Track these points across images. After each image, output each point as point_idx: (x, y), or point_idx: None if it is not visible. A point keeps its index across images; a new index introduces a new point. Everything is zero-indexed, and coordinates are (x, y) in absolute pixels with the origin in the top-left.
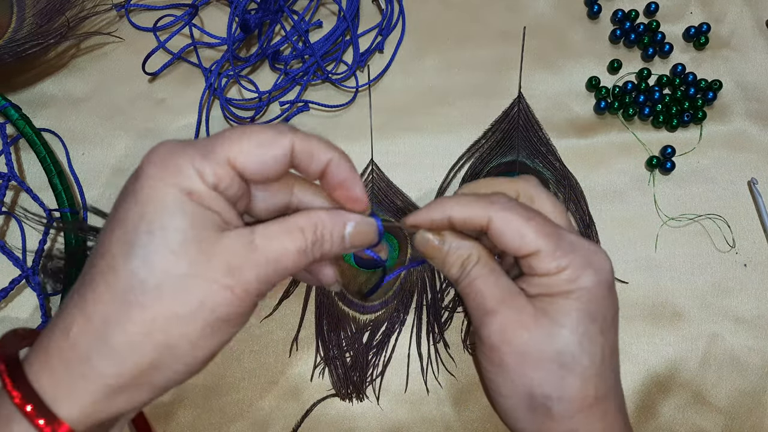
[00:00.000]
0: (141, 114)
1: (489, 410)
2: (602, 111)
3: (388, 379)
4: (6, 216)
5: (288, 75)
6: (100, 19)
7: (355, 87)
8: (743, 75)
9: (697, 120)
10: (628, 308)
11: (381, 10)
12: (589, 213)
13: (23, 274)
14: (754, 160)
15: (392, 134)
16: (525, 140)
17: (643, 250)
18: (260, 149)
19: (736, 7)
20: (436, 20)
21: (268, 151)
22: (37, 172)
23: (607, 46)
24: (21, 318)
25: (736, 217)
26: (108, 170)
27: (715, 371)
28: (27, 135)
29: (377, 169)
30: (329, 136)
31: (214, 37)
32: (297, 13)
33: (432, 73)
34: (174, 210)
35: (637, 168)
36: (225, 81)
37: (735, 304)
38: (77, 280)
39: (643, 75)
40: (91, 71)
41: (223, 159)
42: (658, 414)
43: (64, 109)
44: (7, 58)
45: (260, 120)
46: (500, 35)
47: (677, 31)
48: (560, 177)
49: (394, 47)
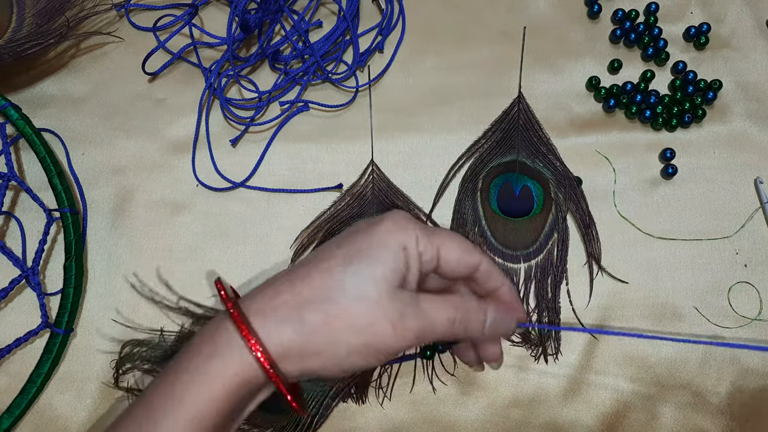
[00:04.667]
0: (141, 114)
1: (489, 410)
2: (611, 109)
3: (387, 379)
4: (6, 216)
5: (288, 75)
6: (100, 19)
7: (355, 87)
8: (743, 75)
9: (698, 119)
10: (628, 308)
11: (381, 10)
12: (589, 213)
13: (23, 274)
14: (754, 160)
15: (392, 134)
16: (525, 140)
17: (643, 250)
18: (462, 253)
19: (736, 7)
20: (436, 20)
21: (467, 257)
22: (37, 172)
23: (607, 46)
24: (21, 318)
25: (735, 217)
26: (108, 170)
27: (715, 371)
28: (27, 135)
29: (377, 169)
30: (329, 136)
31: (214, 37)
32: (297, 13)
33: (432, 73)
34: (390, 253)
35: (637, 168)
36: (225, 81)
37: (735, 304)
38: (285, 272)
39: (647, 77)
40: (91, 71)
41: (435, 242)
42: (658, 414)
43: (64, 109)
44: (7, 58)
45: (260, 120)
46: (500, 35)
47: (677, 31)
48: (560, 177)
49: (394, 47)
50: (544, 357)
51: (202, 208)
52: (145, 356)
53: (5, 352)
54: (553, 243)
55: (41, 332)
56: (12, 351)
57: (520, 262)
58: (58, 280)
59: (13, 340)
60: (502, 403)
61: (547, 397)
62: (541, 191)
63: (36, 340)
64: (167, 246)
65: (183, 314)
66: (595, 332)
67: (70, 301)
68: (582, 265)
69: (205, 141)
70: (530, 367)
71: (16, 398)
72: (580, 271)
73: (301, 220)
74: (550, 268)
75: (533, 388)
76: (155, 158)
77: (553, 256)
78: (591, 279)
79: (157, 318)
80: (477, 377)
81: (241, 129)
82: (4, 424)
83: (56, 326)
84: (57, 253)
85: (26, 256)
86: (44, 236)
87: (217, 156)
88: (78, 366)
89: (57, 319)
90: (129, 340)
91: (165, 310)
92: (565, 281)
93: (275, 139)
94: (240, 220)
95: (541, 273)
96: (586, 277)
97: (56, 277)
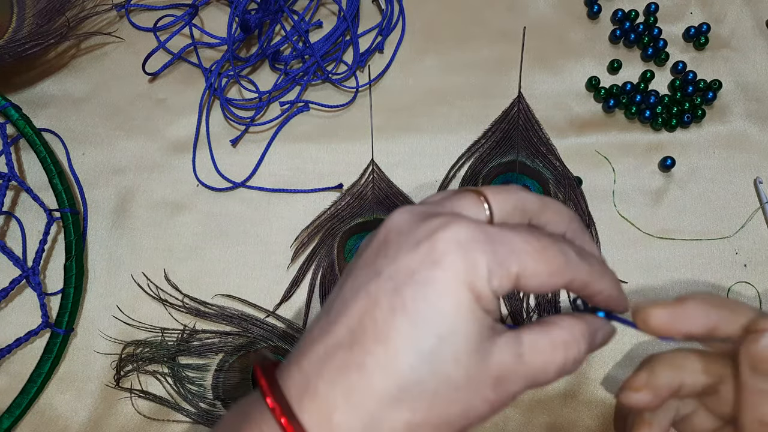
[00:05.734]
0: (141, 114)
1: None
2: (611, 109)
3: None
4: (6, 216)
5: (288, 75)
6: (100, 19)
7: (355, 87)
8: (743, 75)
9: (697, 119)
10: None
11: (381, 10)
12: (589, 213)
13: (23, 274)
14: (754, 160)
15: (392, 134)
16: (525, 140)
17: (642, 250)
18: (549, 278)
19: (736, 7)
20: (436, 20)
21: (555, 280)
22: (38, 172)
23: (607, 46)
24: (21, 318)
25: (735, 217)
26: (108, 170)
27: None
28: (27, 135)
29: (377, 169)
30: (329, 136)
31: (214, 37)
32: (297, 13)
33: (432, 73)
34: (466, 315)
35: (636, 168)
36: (225, 81)
37: None
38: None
39: (647, 77)
40: (91, 71)
41: (513, 273)
42: None
43: (64, 109)
44: (7, 58)
45: (260, 120)
46: (500, 35)
47: (677, 31)
48: (560, 177)
49: (394, 47)
50: None
51: (203, 208)
52: (148, 357)
53: (5, 352)
54: None
55: (41, 332)
56: (12, 351)
57: None
58: (58, 280)
59: (13, 340)
60: None
61: (547, 397)
62: (541, 191)
63: (36, 340)
64: (167, 246)
65: (188, 313)
66: None
67: (71, 301)
68: None
69: (206, 141)
70: None
71: (17, 398)
72: None
73: (301, 220)
74: None
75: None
76: (155, 158)
77: None
78: None
79: (156, 319)
80: None
81: (242, 129)
82: (4, 424)
83: (56, 326)
84: (57, 253)
85: (26, 256)
86: (44, 236)
87: (218, 156)
88: (78, 366)
89: (57, 319)
90: (131, 341)
91: (170, 309)
92: None
93: (275, 139)
94: (240, 220)
95: None
96: None
97: (56, 277)
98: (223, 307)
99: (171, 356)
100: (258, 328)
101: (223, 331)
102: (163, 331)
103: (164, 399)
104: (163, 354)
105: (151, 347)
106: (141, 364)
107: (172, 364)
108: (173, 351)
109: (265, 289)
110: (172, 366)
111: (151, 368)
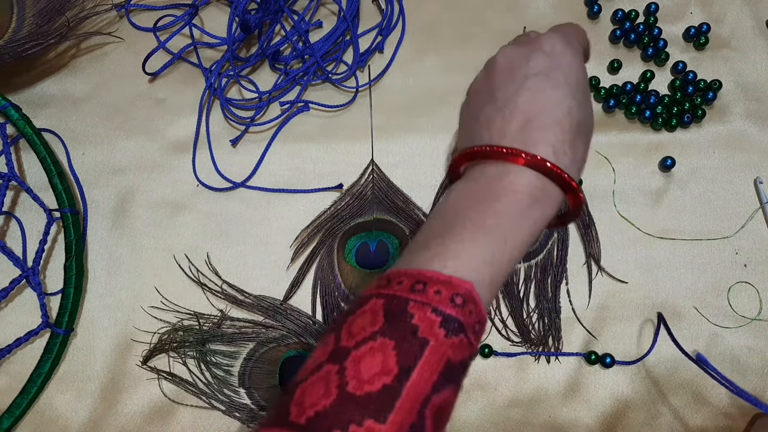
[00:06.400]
0: (141, 114)
1: (489, 410)
2: (611, 109)
3: None
4: (6, 216)
5: (288, 75)
6: (100, 19)
7: (355, 87)
8: (743, 75)
9: (697, 119)
10: (628, 308)
11: (381, 10)
12: (589, 213)
13: (23, 274)
14: (754, 160)
15: (392, 134)
16: None
17: (642, 250)
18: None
19: (736, 7)
20: (436, 20)
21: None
22: (38, 172)
23: (607, 46)
24: (21, 318)
25: (735, 217)
26: (108, 170)
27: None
28: (27, 135)
29: (377, 169)
30: (329, 136)
31: (214, 37)
32: (297, 13)
33: (432, 73)
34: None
35: (636, 168)
36: (225, 81)
37: (735, 304)
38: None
39: (647, 77)
40: (91, 71)
41: (585, 47)
42: (658, 414)
43: (64, 109)
44: (7, 58)
45: (260, 120)
46: (500, 35)
47: (677, 31)
48: None
49: (394, 47)
50: (546, 358)
51: (203, 208)
52: (183, 340)
53: (6, 352)
54: (552, 243)
55: (41, 332)
56: (12, 351)
57: (520, 262)
58: (58, 280)
59: (13, 340)
60: (502, 402)
61: (547, 397)
62: None
63: (36, 339)
64: (167, 246)
65: (225, 299)
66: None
67: (71, 301)
68: (581, 265)
69: (206, 141)
70: (530, 367)
71: (17, 398)
72: (580, 271)
73: (301, 220)
74: (550, 267)
75: (533, 388)
76: (155, 158)
77: (553, 256)
78: (590, 279)
79: (154, 322)
80: (477, 377)
81: (242, 129)
82: (4, 424)
83: (56, 326)
84: (57, 253)
85: (26, 256)
86: (44, 236)
87: (218, 156)
88: (78, 366)
89: (57, 319)
90: (172, 325)
91: (208, 294)
92: (565, 281)
93: (275, 139)
94: (240, 220)
95: (541, 273)
96: (586, 276)
97: (56, 277)
98: (262, 296)
99: (204, 341)
100: (293, 323)
101: (258, 321)
102: (199, 316)
103: (189, 382)
104: (198, 338)
105: (186, 331)
106: (176, 346)
107: (203, 348)
108: (208, 335)
109: (265, 289)
110: (202, 350)
111: (185, 352)
